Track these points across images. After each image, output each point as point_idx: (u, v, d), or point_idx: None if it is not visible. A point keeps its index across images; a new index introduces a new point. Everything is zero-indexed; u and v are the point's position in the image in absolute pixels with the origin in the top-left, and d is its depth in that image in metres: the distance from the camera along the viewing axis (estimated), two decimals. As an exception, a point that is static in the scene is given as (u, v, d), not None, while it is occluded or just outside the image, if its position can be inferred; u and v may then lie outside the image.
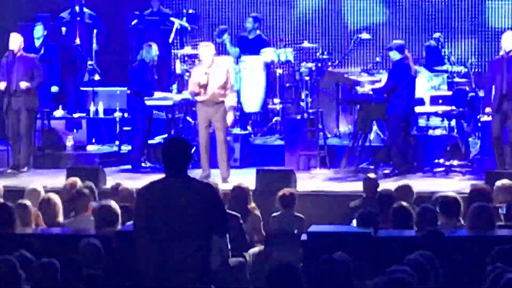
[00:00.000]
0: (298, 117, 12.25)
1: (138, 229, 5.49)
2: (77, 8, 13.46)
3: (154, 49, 11.86)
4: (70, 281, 6.21)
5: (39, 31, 12.76)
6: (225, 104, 10.87)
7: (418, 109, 11.80)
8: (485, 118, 11.52)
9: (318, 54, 12.80)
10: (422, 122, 12.45)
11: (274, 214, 8.67)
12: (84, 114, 13.31)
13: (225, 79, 10.90)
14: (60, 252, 6.81)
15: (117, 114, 12.89)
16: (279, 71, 12.57)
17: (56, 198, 8.59)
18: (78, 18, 13.54)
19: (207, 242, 5.44)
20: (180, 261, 5.34)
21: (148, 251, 5.36)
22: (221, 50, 12.85)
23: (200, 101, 10.97)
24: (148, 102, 11.87)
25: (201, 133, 11.17)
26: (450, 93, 12.18)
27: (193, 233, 5.34)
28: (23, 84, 11.26)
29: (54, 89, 12.58)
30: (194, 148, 10.06)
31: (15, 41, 11.60)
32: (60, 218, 8.53)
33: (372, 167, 11.63)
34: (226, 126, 11.16)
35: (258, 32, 13.17)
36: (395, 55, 11.32)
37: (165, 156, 5.35)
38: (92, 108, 12.89)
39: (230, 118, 11.13)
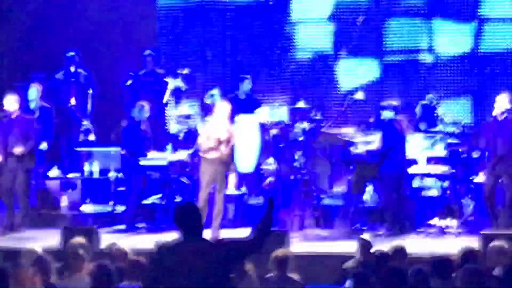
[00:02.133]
0: (292, 177, 12.30)
1: None
2: (72, 68, 13.62)
3: (146, 109, 12.15)
4: None
5: (33, 92, 12.74)
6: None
7: (412, 169, 11.89)
8: (478, 179, 11.58)
9: (312, 114, 12.86)
10: (416, 182, 12.30)
11: (268, 275, 8.38)
12: (78, 174, 13.38)
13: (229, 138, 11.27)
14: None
15: (112, 174, 12.96)
16: (272, 131, 12.56)
17: (50, 258, 7.77)
18: (73, 79, 13.61)
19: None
20: None
21: None
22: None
23: (209, 158, 11.07)
24: (142, 162, 12.01)
25: (203, 193, 11.20)
26: (444, 153, 12.24)
27: None
28: (18, 150, 11.42)
29: (43, 146, 12.60)
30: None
31: (12, 102, 11.69)
32: (53, 278, 7.73)
33: (365, 228, 11.78)
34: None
35: (249, 92, 13.49)
36: (387, 115, 11.51)
37: (181, 221, 5.60)
38: (86, 168, 12.86)
39: (234, 181, 11.59)
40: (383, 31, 15.82)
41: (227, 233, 11.38)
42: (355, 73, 15.09)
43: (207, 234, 10.54)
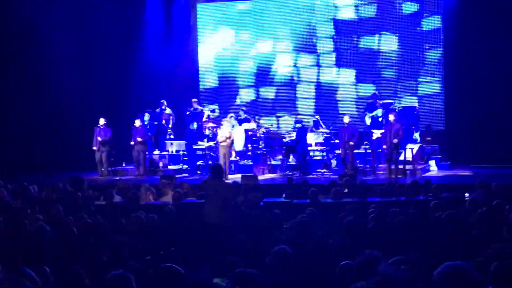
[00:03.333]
0: (258, 152, 19.88)
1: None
2: (163, 107, 21.47)
3: (195, 125, 20.09)
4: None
5: (147, 117, 20.69)
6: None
7: (309, 148, 19.47)
8: (338, 151, 19.25)
9: (268, 125, 20.99)
10: (311, 153, 19.71)
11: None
12: (166, 153, 21.03)
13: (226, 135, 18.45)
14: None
15: (181, 152, 20.50)
16: (249, 132, 20.27)
17: (153, 188, 13.72)
18: (163, 112, 21.49)
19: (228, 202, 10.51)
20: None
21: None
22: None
23: (222, 145, 18.60)
24: (194, 146, 19.94)
25: (222, 160, 18.34)
26: (322, 141, 19.94)
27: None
28: (140, 139, 19.17)
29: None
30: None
31: (137, 122, 19.53)
32: (155, 197, 13.55)
33: (290, 173, 18.94)
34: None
35: (244, 115, 21.12)
36: (298, 125, 19.11)
37: (213, 170, 10.74)
38: (170, 149, 20.66)
39: (234, 154, 18.86)
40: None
41: (232, 177, 17.82)
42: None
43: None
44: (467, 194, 12.71)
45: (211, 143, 19.87)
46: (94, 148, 19.82)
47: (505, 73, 20.68)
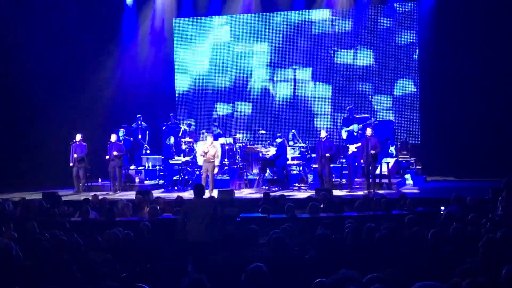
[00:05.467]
0: (235, 166, 19.79)
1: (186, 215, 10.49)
2: (139, 122, 21.29)
3: (172, 140, 19.79)
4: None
5: (121, 132, 20.56)
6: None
7: (288, 162, 19.38)
8: (314, 165, 19.08)
9: (244, 139, 21.02)
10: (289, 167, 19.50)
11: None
12: (143, 167, 21.04)
13: (215, 153, 18.26)
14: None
15: (157, 167, 20.44)
16: (226, 147, 20.11)
17: (130, 204, 14.51)
18: (140, 126, 21.41)
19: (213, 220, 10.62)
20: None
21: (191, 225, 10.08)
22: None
23: (202, 159, 18.50)
24: (171, 161, 19.51)
25: (204, 174, 18.27)
26: (299, 155, 19.88)
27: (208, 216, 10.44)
28: (116, 155, 18.99)
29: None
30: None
31: (113, 137, 19.29)
32: (130, 213, 13.90)
33: (267, 187, 18.70)
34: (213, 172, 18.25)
35: (218, 130, 21.06)
36: (278, 140, 19.16)
37: (195, 189, 10.96)
38: (146, 165, 20.67)
39: (215, 169, 18.27)
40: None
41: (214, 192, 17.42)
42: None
43: (206, 192, 15.80)
44: (442, 208, 12.74)
45: (188, 158, 19.82)
46: (71, 164, 19.66)
47: (481, 88, 20.85)
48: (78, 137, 19.71)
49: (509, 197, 11.61)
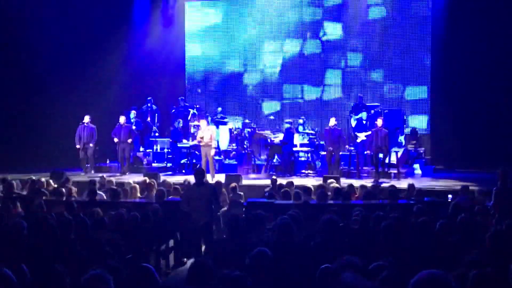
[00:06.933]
0: (243, 151, 19.67)
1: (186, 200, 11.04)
2: (149, 104, 21.08)
3: (181, 123, 19.51)
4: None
5: (132, 114, 20.39)
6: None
7: (294, 148, 19.16)
8: (323, 152, 18.99)
9: (252, 124, 20.69)
10: (296, 154, 19.30)
11: (231, 194, 13.54)
12: (151, 150, 21.01)
13: (210, 136, 18.04)
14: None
15: (165, 150, 20.16)
16: (234, 131, 20.09)
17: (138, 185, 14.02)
18: (149, 109, 21.21)
19: (212, 203, 11.08)
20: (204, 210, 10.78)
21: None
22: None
23: (200, 144, 18.24)
24: (179, 145, 19.21)
25: (203, 159, 18.12)
26: (307, 142, 19.71)
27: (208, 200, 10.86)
28: (128, 140, 18.84)
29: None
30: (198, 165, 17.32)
31: (122, 119, 19.08)
32: (139, 195, 13.83)
33: (274, 173, 18.42)
34: (212, 155, 18.13)
35: (222, 115, 20.96)
36: (286, 125, 19.02)
37: (196, 175, 11.34)
38: (155, 147, 20.52)
39: (212, 152, 18.10)
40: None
41: (217, 176, 17.38)
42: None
43: (208, 176, 16.50)
44: (450, 196, 12.75)
45: (195, 142, 19.59)
46: (78, 146, 19.50)
47: (491, 78, 20.68)
48: (87, 118, 19.54)
49: (503, 188, 11.63)
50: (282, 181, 15.25)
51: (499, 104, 20.59)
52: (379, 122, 18.09)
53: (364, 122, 20.16)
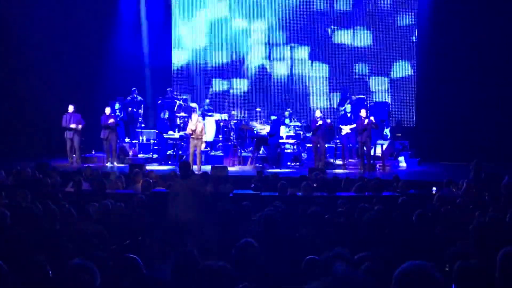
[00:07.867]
0: (229, 143, 19.73)
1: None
2: (134, 95, 21.10)
3: (166, 114, 19.60)
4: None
5: (117, 105, 20.44)
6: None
7: (281, 140, 19.25)
8: (308, 145, 19.29)
9: (239, 116, 21.17)
10: (282, 146, 19.46)
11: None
12: (137, 141, 20.97)
13: (201, 128, 18.17)
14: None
15: (151, 141, 20.38)
16: (221, 123, 20.22)
17: (123, 176, 14.10)
18: (135, 100, 21.21)
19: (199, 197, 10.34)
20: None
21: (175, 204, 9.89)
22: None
23: (191, 136, 18.28)
24: (165, 136, 19.25)
25: (191, 150, 18.22)
26: (293, 134, 19.87)
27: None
28: (111, 125, 18.91)
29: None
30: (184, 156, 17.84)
31: (107, 110, 19.22)
32: (124, 186, 13.75)
33: (260, 165, 18.74)
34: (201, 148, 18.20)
35: (210, 107, 21.19)
36: (273, 117, 19.24)
37: (181, 168, 10.77)
38: (141, 138, 20.55)
39: (203, 145, 18.34)
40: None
41: (203, 167, 17.57)
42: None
43: (195, 167, 16.94)
44: (434, 189, 12.76)
45: (182, 133, 19.65)
46: (70, 126, 19.38)
47: (476, 71, 20.89)
48: (71, 108, 19.49)
49: (476, 179, 11.90)
50: (268, 172, 15.37)
51: (485, 97, 20.93)
52: (363, 112, 18.19)
53: (349, 115, 20.17)
